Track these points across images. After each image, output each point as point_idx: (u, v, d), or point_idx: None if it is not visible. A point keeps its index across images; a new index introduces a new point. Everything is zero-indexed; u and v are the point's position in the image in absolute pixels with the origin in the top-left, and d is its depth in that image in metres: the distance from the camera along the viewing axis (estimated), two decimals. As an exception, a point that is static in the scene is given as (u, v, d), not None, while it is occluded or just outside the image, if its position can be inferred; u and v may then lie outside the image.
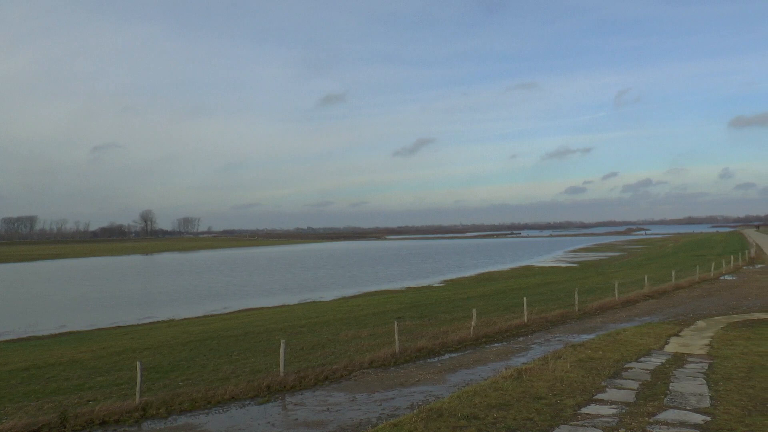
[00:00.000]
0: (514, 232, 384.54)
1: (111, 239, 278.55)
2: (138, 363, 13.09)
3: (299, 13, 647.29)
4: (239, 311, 40.87)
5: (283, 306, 42.96)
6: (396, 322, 19.00)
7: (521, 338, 21.07)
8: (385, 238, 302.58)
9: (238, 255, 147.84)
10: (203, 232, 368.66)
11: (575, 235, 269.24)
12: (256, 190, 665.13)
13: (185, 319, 37.54)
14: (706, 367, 13.97)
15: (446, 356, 17.99)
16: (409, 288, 54.97)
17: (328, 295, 50.61)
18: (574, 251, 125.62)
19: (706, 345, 17.28)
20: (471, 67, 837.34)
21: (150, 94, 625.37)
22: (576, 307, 27.14)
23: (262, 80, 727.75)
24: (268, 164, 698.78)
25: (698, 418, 9.72)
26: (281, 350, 15.16)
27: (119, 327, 35.10)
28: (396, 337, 18.14)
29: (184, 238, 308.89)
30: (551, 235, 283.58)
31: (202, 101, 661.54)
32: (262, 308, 41.94)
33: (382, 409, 12.16)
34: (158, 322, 37.09)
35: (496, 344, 19.92)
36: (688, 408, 10.39)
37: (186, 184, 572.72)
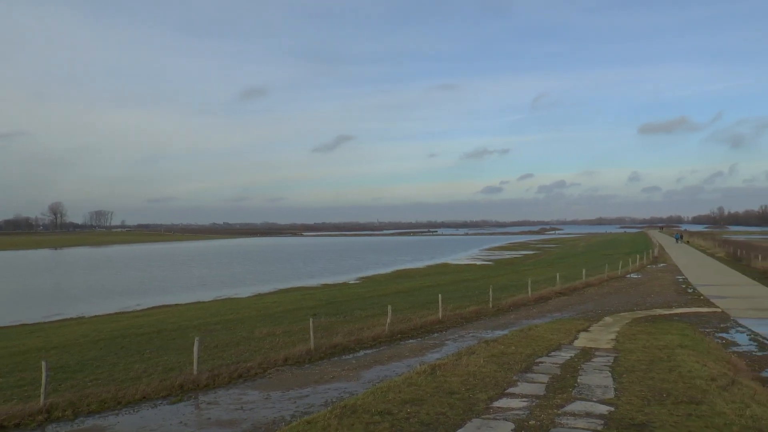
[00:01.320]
0: (431, 230, 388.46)
1: (17, 232, 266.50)
2: (43, 363, 12.62)
3: (221, 3, 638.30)
4: (153, 308, 39.89)
5: (198, 303, 42.23)
6: (311, 319, 18.95)
7: (436, 334, 21.33)
8: (302, 235, 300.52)
9: (154, 250, 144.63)
10: (116, 226, 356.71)
11: (491, 234, 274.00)
12: (173, 183, 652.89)
13: (96, 316, 36.42)
14: (612, 361, 14.48)
15: (361, 353, 18.05)
16: (325, 285, 54.85)
17: (244, 292, 49.99)
18: (490, 249, 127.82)
19: (612, 340, 17.90)
20: (393, 66, 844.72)
21: (63, 81, 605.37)
22: (490, 304, 27.63)
23: (182, 71, 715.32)
24: (185, 157, 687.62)
25: (603, 409, 10.09)
26: (195, 348, 14.91)
27: (24, 325, 33.77)
28: (311, 334, 18.10)
29: (97, 232, 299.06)
30: (467, 234, 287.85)
31: (119, 91, 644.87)
32: (177, 305, 41.12)
33: (297, 407, 12.11)
34: (67, 319, 35.83)
35: (410, 341, 20.10)
36: (594, 399, 10.76)
37: (99, 175, 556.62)
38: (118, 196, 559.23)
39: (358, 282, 57.24)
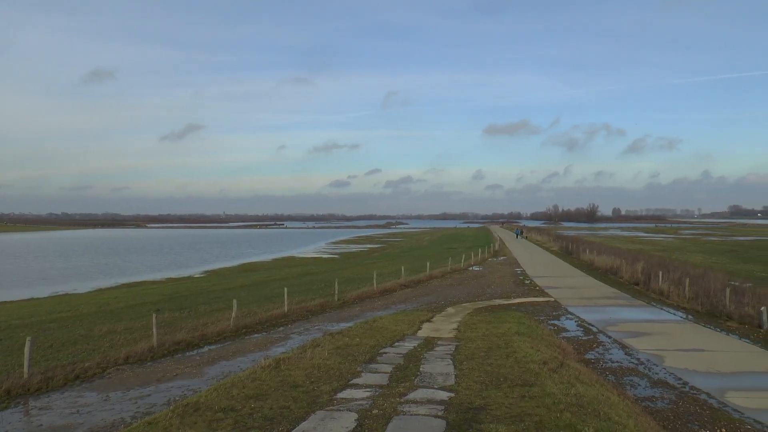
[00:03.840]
0: (278, 223, 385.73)
1: None
2: None
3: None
4: (-23, 307, 37.16)
5: (32, 299, 39.70)
6: (154, 315, 18.37)
7: (281, 328, 21.29)
8: (147, 227, 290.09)
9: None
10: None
11: (337, 228, 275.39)
12: (5, 169, 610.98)
13: None
14: (453, 349, 15.01)
15: (206, 348, 17.74)
16: (169, 279, 53.28)
17: (83, 287, 47.57)
18: (336, 243, 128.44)
19: (454, 329, 18.56)
20: (247, 55, 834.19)
21: None
22: (336, 297, 27.86)
23: (20, 47, 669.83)
24: (21, 141, 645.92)
25: (444, 395, 10.45)
26: (26, 349, 14.04)
27: None
28: (154, 330, 17.56)
29: None
30: (314, 227, 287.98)
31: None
32: (6, 302, 38.49)
33: (138, 407, 11.71)
34: None
35: (256, 335, 19.96)
36: (436, 386, 11.12)
37: None
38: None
39: (203, 276, 55.99)
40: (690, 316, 23.40)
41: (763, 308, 20.71)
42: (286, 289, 25.62)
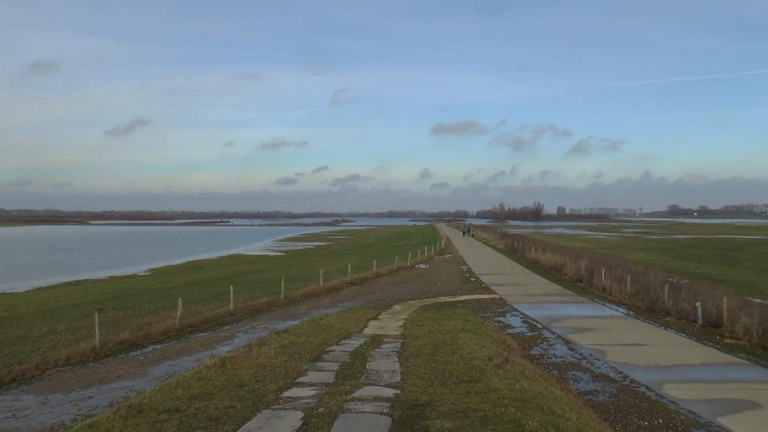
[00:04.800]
0: (224, 220, 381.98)
1: None
2: None
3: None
4: None
5: (-35, 301, 38.60)
6: (97, 314, 18.01)
7: (227, 327, 21.12)
8: (89, 224, 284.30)
9: None
10: None
11: (284, 225, 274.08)
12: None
13: None
14: (399, 346, 15.09)
15: (150, 348, 17.50)
16: (113, 277, 52.30)
17: (22, 286, 46.35)
18: (283, 240, 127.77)
19: (400, 326, 18.66)
20: (195, 50, 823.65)
21: None
22: (282, 295, 27.75)
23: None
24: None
25: (390, 392, 10.49)
26: (-40, 350, 13.67)
27: None
28: (97, 330, 17.23)
29: None
30: (261, 225, 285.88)
31: None
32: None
33: (78, 410, 11.48)
34: None
35: (201, 334, 19.76)
36: (382, 384, 11.16)
37: None
38: None
39: (148, 274, 55.15)
40: (631, 312, 23.98)
41: (698, 304, 21.36)
42: (232, 287, 25.46)
